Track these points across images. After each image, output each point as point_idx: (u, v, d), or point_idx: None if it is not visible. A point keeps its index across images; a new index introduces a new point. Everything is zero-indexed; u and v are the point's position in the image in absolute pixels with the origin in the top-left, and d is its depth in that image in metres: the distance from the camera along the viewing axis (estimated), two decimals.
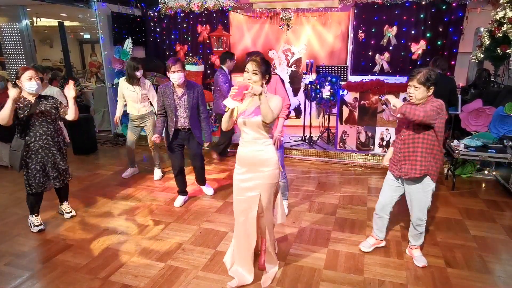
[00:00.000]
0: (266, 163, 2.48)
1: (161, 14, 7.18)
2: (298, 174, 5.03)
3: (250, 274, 2.66)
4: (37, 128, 3.26)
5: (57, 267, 2.89)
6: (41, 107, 3.25)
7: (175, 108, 3.67)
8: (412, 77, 2.54)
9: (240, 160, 2.54)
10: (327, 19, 6.57)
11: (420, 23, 5.88)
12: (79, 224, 3.60)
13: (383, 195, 2.96)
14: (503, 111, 4.44)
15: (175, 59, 3.61)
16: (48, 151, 3.32)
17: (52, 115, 3.33)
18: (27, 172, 3.27)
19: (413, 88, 2.55)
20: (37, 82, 3.21)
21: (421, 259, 2.87)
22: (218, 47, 6.36)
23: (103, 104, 7.14)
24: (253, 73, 2.39)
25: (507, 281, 2.70)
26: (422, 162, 2.63)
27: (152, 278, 2.73)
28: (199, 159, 4.01)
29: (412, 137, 2.64)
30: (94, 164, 5.57)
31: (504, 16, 4.69)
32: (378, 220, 3.02)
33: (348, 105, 5.33)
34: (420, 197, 2.75)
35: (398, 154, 2.75)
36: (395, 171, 2.81)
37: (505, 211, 3.86)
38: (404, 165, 2.71)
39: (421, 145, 2.61)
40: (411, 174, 2.68)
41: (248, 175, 2.51)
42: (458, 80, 5.85)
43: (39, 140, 3.27)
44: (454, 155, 4.37)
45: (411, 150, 2.66)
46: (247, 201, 2.53)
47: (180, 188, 4.04)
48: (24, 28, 6.94)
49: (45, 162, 3.32)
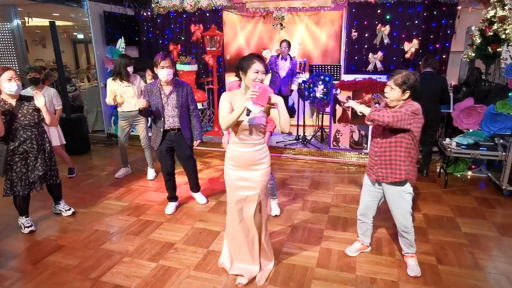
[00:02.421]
0: (263, 161, 2.51)
1: (154, 13, 7.16)
2: (292, 173, 5.03)
3: (255, 264, 2.68)
4: (20, 132, 3.16)
5: (48, 268, 2.87)
6: (23, 111, 3.15)
7: (162, 107, 3.51)
8: (391, 77, 2.51)
9: (235, 160, 2.51)
10: (320, 18, 6.59)
11: (412, 22, 5.91)
12: (70, 225, 3.57)
13: (363, 200, 2.90)
14: (494, 109, 4.47)
15: (164, 54, 3.49)
16: (31, 154, 3.24)
17: (36, 118, 3.22)
18: (11, 175, 3.21)
19: (389, 88, 2.53)
20: (17, 83, 3.09)
21: (414, 269, 2.75)
22: (211, 47, 6.35)
23: (96, 104, 7.10)
24: (263, 72, 2.36)
25: (497, 278, 2.73)
26: (401, 166, 2.57)
27: (143, 278, 2.72)
28: (191, 162, 3.84)
29: (389, 141, 2.58)
30: (87, 164, 5.53)
31: (495, 15, 4.74)
32: (362, 225, 2.98)
33: (341, 104, 5.34)
34: (400, 202, 2.66)
35: (375, 158, 2.68)
36: (371, 175, 2.75)
37: (496, 208, 3.89)
38: (380, 169, 2.65)
39: (399, 149, 2.56)
40: (389, 179, 2.62)
41: (244, 174, 2.51)
42: (450, 78, 5.91)
43: (23, 145, 3.18)
44: (446, 153, 4.40)
45: (387, 154, 2.60)
46: (244, 200, 2.54)
47: (170, 194, 3.86)
48: (15, 28, 6.88)
49: (29, 164, 3.26)
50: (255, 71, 2.35)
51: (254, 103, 2.18)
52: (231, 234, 2.69)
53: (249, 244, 2.63)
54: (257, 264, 2.70)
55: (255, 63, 2.35)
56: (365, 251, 3.05)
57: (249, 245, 2.64)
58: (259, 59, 2.39)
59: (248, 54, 2.51)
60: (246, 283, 2.61)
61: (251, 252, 2.66)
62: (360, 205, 2.94)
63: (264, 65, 2.38)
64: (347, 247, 3.08)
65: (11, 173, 3.21)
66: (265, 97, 2.20)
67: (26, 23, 7.71)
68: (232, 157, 2.53)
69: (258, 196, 2.52)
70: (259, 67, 2.35)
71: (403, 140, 2.54)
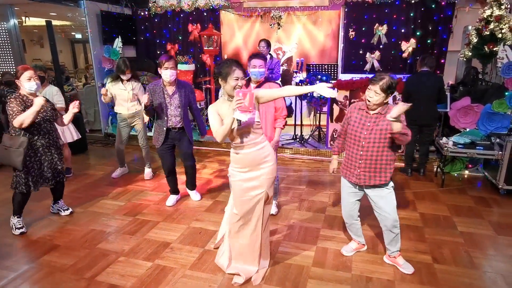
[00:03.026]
0: (267, 159, 2.50)
1: (151, 13, 7.15)
2: (289, 172, 5.03)
3: (254, 265, 2.68)
4: (42, 126, 3.31)
5: (43, 267, 2.86)
6: (43, 106, 3.26)
7: (166, 106, 3.62)
8: (374, 82, 2.47)
9: (240, 162, 2.50)
10: (317, 17, 6.59)
11: (410, 22, 5.93)
12: (66, 224, 3.56)
13: (345, 203, 2.88)
14: (490, 108, 4.48)
15: (168, 56, 3.59)
16: (47, 150, 3.35)
17: (53, 115, 3.41)
18: (27, 170, 3.24)
19: (373, 93, 2.49)
20: (36, 82, 3.24)
21: (407, 266, 2.76)
22: (208, 46, 6.34)
23: (93, 104, 7.08)
24: (242, 78, 2.39)
25: (493, 276, 2.73)
26: (386, 169, 2.59)
27: (139, 278, 2.71)
28: (191, 158, 3.95)
29: (377, 145, 2.55)
30: (84, 164, 5.52)
31: (491, 14, 4.75)
32: (351, 227, 2.97)
33: (338, 103, 5.34)
34: (387, 198, 2.66)
35: (358, 161, 2.63)
36: (351, 177, 2.71)
37: (492, 207, 3.90)
38: (364, 172, 2.62)
39: (385, 153, 2.56)
40: (372, 181, 2.62)
41: (251, 174, 2.50)
42: (447, 78, 5.91)
43: (42, 138, 3.31)
44: (443, 152, 4.40)
45: (373, 158, 2.57)
46: (252, 201, 2.53)
47: (172, 188, 4.00)
48: (12, 28, 6.85)
49: (42, 161, 3.34)
50: (235, 78, 2.35)
51: (242, 111, 2.17)
52: (235, 235, 2.67)
53: (251, 245, 2.63)
54: (256, 265, 2.69)
55: (235, 70, 2.35)
56: (361, 250, 3.05)
57: (252, 246, 2.63)
58: (238, 66, 2.38)
59: (226, 60, 2.46)
60: (242, 283, 2.61)
61: (253, 253, 2.65)
62: (343, 209, 2.92)
63: (243, 70, 2.39)
64: (343, 246, 3.08)
65: (26, 168, 3.24)
66: (250, 101, 2.17)
67: (23, 22, 7.68)
68: (237, 160, 2.52)
69: (265, 194, 2.52)
70: (239, 74, 2.35)
71: (389, 143, 2.55)
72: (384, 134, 2.52)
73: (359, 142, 2.61)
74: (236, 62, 2.41)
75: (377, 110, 2.55)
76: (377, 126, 2.54)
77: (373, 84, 2.48)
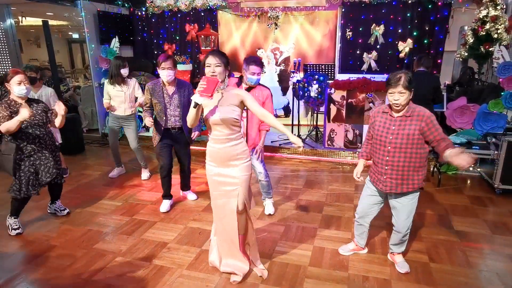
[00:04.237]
0: (240, 156, 2.50)
1: (149, 12, 7.14)
2: (287, 172, 5.04)
3: (245, 263, 2.68)
4: (29, 131, 3.21)
5: (40, 268, 2.85)
6: (32, 111, 3.18)
7: (165, 106, 3.58)
8: (394, 83, 2.38)
9: (213, 156, 2.53)
10: (315, 18, 6.60)
11: (406, 22, 5.95)
12: (63, 225, 3.55)
13: (363, 202, 2.82)
14: (486, 108, 4.51)
15: (166, 55, 3.54)
16: (40, 154, 3.29)
17: (44, 118, 3.31)
18: (19, 175, 3.21)
19: (397, 95, 2.39)
20: (27, 86, 3.17)
21: (403, 265, 2.77)
22: (206, 46, 6.35)
23: (91, 104, 7.06)
24: (216, 65, 2.38)
25: (488, 275, 2.74)
26: (414, 176, 2.49)
27: (136, 278, 2.71)
28: (188, 157, 3.95)
29: (404, 151, 2.45)
30: (81, 164, 5.51)
31: (487, 14, 4.78)
32: (359, 227, 2.94)
33: (335, 103, 5.36)
34: (409, 206, 2.60)
35: (385, 167, 2.53)
36: (378, 184, 2.63)
37: (488, 206, 3.92)
38: (390, 179, 2.53)
39: (414, 159, 2.45)
40: (399, 189, 2.53)
41: (223, 170, 2.51)
42: (444, 78, 5.94)
43: (31, 143, 3.23)
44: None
45: (400, 165, 2.47)
46: (225, 195, 2.54)
47: (165, 191, 3.90)
48: (8, 28, 6.83)
49: (38, 165, 3.28)
50: (208, 64, 2.39)
51: (200, 95, 2.27)
52: (218, 231, 2.69)
53: (228, 239, 2.63)
54: (245, 262, 2.69)
55: (208, 57, 2.40)
56: (359, 252, 3.03)
57: (230, 240, 2.63)
58: (214, 53, 2.41)
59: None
60: (240, 281, 2.62)
61: (233, 247, 2.65)
62: (359, 207, 2.87)
63: (218, 58, 2.39)
64: (340, 245, 3.09)
65: (19, 173, 3.21)
66: (211, 88, 2.25)
67: (20, 22, 7.66)
68: (210, 153, 2.55)
69: (238, 191, 2.51)
70: (210, 60, 2.38)
71: (422, 150, 2.45)
72: (412, 139, 2.42)
73: (384, 147, 2.52)
74: (215, 51, 2.46)
75: (401, 113, 2.46)
76: (403, 131, 2.43)
77: (394, 87, 2.39)
